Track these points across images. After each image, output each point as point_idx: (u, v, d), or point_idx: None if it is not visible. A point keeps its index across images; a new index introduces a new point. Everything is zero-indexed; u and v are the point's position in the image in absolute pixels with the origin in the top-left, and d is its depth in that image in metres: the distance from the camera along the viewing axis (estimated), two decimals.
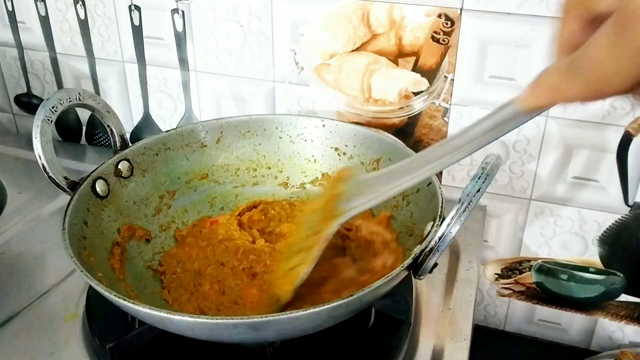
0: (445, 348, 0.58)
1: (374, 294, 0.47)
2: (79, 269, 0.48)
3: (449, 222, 0.48)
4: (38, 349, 0.57)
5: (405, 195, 0.63)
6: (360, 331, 0.57)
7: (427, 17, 0.70)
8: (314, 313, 0.44)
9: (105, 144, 0.96)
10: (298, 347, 0.54)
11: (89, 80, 0.91)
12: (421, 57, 0.73)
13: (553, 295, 0.81)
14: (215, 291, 0.58)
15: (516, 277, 0.82)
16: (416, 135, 0.78)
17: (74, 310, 0.61)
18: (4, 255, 0.70)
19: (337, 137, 0.70)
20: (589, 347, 0.84)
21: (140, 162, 0.66)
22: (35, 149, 0.56)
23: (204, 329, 0.46)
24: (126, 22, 0.84)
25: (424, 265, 0.49)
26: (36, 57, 0.92)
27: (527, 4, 0.65)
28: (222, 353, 0.54)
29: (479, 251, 0.72)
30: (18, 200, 0.80)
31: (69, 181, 0.58)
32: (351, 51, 0.75)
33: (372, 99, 0.77)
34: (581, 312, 0.81)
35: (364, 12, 0.72)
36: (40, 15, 0.88)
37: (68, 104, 0.59)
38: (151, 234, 0.65)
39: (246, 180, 0.73)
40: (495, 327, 0.88)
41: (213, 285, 0.58)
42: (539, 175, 0.75)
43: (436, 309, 0.63)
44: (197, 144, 0.71)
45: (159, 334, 0.52)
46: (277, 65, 0.80)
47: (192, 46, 0.82)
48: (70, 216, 0.55)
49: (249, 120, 0.72)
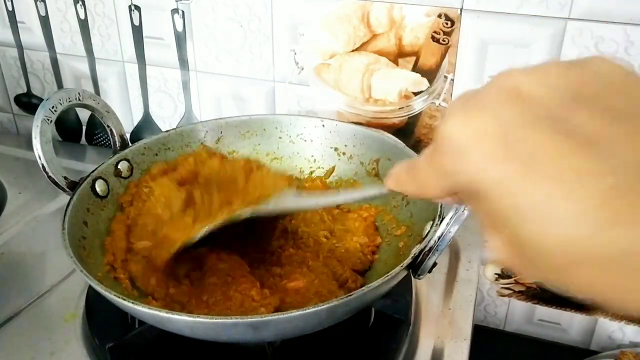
0: (445, 348, 0.58)
1: (374, 293, 0.47)
2: (79, 269, 0.48)
3: (449, 221, 0.48)
4: (38, 349, 0.57)
5: (405, 195, 0.63)
6: (360, 331, 0.57)
7: (427, 17, 0.70)
8: (314, 313, 0.44)
9: (105, 144, 0.96)
10: (298, 347, 0.55)
11: (89, 80, 0.91)
12: (421, 57, 0.73)
13: (553, 295, 0.81)
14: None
15: (516, 277, 0.82)
16: (416, 135, 0.78)
17: (74, 310, 0.61)
18: (4, 255, 0.70)
19: (336, 137, 0.70)
20: (589, 347, 0.84)
21: (140, 162, 0.66)
22: (35, 149, 0.56)
23: (203, 328, 0.46)
24: (126, 22, 0.84)
25: (423, 264, 0.49)
26: (36, 57, 0.92)
27: (527, 4, 0.65)
28: (222, 353, 0.54)
29: (479, 251, 0.72)
30: (18, 200, 0.80)
31: (69, 181, 0.58)
32: (351, 51, 0.75)
33: (372, 99, 0.77)
34: (581, 312, 0.81)
35: (364, 12, 0.72)
36: (40, 15, 0.88)
37: (68, 104, 0.59)
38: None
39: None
40: (495, 327, 0.88)
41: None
42: None
43: (436, 309, 0.63)
44: (197, 144, 0.71)
45: (159, 334, 0.52)
46: (277, 65, 0.80)
47: (192, 46, 0.82)
48: (70, 216, 0.55)
49: (248, 120, 0.72)
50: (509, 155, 0.23)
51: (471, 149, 0.24)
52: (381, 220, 0.65)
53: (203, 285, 0.55)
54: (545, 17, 0.65)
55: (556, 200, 0.21)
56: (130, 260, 0.57)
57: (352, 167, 0.69)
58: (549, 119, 0.23)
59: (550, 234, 0.22)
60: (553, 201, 0.22)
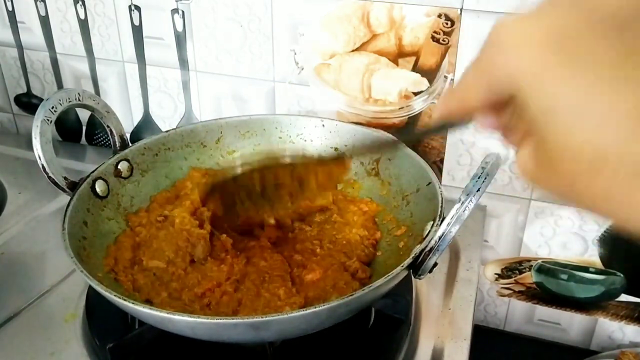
0: (445, 348, 0.58)
1: (374, 293, 0.47)
2: (79, 269, 0.48)
3: (449, 221, 0.48)
4: (38, 349, 0.57)
5: (405, 195, 0.63)
6: (360, 331, 0.57)
7: (427, 17, 0.70)
8: (314, 313, 0.44)
9: (105, 144, 0.96)
10: (298, 347, 0.54)
11: (89, 80, 0.91)
12: (421, 57, 0.73)
13: (553, 295, 0.81)
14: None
15: (516, 277, 0.82)
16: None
17: (74, 310, 0.61)
18: (4, 255, 0.70)
19: (336, 137, 0.70)
20: (589, 347, 0.84)
21: (140, 162, 0.66)
22: (35, 149, 0.56)
23: (203, 329, 0.46)
24: (126, 22, 0.84)
25: (424, 264, 0.49)
26: (36, 57, 0.92)
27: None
28: (222, 353, 0.54)
29: (479, 251, 0.72)
30: (18, 200, 0.80)
31: (69, 181, 0.58)
32: (351, 51, 0.75)
33: (372, 99, 0.77)
34: (581, 312, 0.81)
35: (364, 12, 0.72)
36: (40, 15, 0.88)
37: (68, 104, 0.59)
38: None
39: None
40: (495, 327, 0.88)
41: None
42: None
43: (436, 309, 0.63)
44: (197, 144, 0.71)
45: (159, 334, 0.52)
46: (277, 65, 0.80)
47: (192, 46, 0.82)
48: (70, 216, 0.55)
49: (248, 120, 0.72)
50: (558, 56, 0.23)
51: (521, 45, 0.24)
52: (381, 220, 0.65)
53: (240, 284, 0.56)
54: None
55: (594, 103, 0.22)
56: (137, 272, 0.57)
57: (352, 167, 0.69)
58: (606, 25, 0.23)
59: (578, 134, 0.23)
60: (590, 103, 0.22)
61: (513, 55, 0.25)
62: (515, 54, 0.25)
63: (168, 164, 0.69)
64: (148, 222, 0.63)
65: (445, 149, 0.77)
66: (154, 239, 0.60)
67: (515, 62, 0.25)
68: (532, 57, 0.24)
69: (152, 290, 0.55)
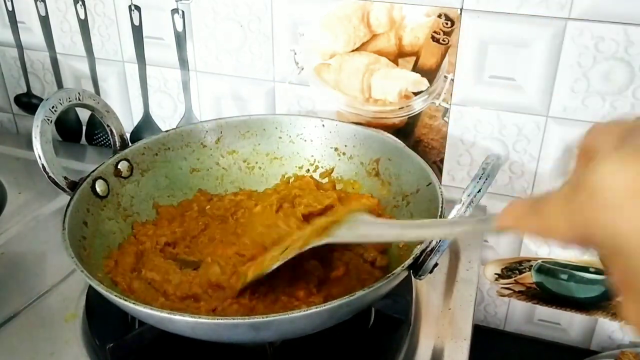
0: (445, 348, 0.58)
1: (375, 294, 0.47)
2: (79, 269, 0.48)
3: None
4: (38, 349, 0.57)
5: (405, 195, 0.63)
6: (360, 331, 0.57)
7: (427, 17, 0.70)
8: (314, 313, 0.44)
9: (105, 144, 0.96)
10: (298, 347, 0.54)
11: (89, 80, 0.91)
12: (421, 57, 0.73)
13: (553, 295, 0.81)
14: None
15: (516, 277, 0.82)
16: (416, 135, 0.78)
17: (74, 310, 0.61)
18: (4, 255, 0.70)
19: (336, 137, 0.70)
20: (589, 347, 0.84)
21: (140, 162, 0.66)
22: (35, 149, 0.56)
23: (204, 329, 0.46)
24: (126, 22, 0.84)
25: (424, 265, 0.49)
26: (36, 57, 0.92)
27: (527, 4, 0.65)
28: (222, 353, 0.54)
29: (479, 251, 0.72)
30: (18, 200, 0.80)
31: (69, 181, 0.58)
32: (351, 51, 0.75)
33: (372, 99, 0.77)
34: (581, 312, 0.81)
35: (364, 12, 0.72)
36: (40, 15, 0.88)
37: (68, 104, 0.59)
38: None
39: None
40: (495, 327, 0.88)
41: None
42: (539, 175, 0.75)
43: (436, 309, 0.63)
44: (197, 144, 0.71)
45: (159, 334, 0.52)
46: (277, 65, 0.80)
47: (192, 46, 0.82)
48: (70, 216, 0.55)
49: (248, 120, 0.72)
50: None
51: (627, 205, 0.22)
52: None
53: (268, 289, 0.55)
54: (545, 17, 0.65)
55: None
56: (135, 279, 0.57)
57: (352, 167, 0.69)
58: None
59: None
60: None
61: (619, 216, 0.22)
62: (621, 215, 0.22)
63: (168, 163, 0.69)
64: (154, 234, 0.63)
65: (445, 149, 0.77)
66: (153, 254, 0.60)
67: (621, 224, 0.22)
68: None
69: (147, 296, 0.55)
